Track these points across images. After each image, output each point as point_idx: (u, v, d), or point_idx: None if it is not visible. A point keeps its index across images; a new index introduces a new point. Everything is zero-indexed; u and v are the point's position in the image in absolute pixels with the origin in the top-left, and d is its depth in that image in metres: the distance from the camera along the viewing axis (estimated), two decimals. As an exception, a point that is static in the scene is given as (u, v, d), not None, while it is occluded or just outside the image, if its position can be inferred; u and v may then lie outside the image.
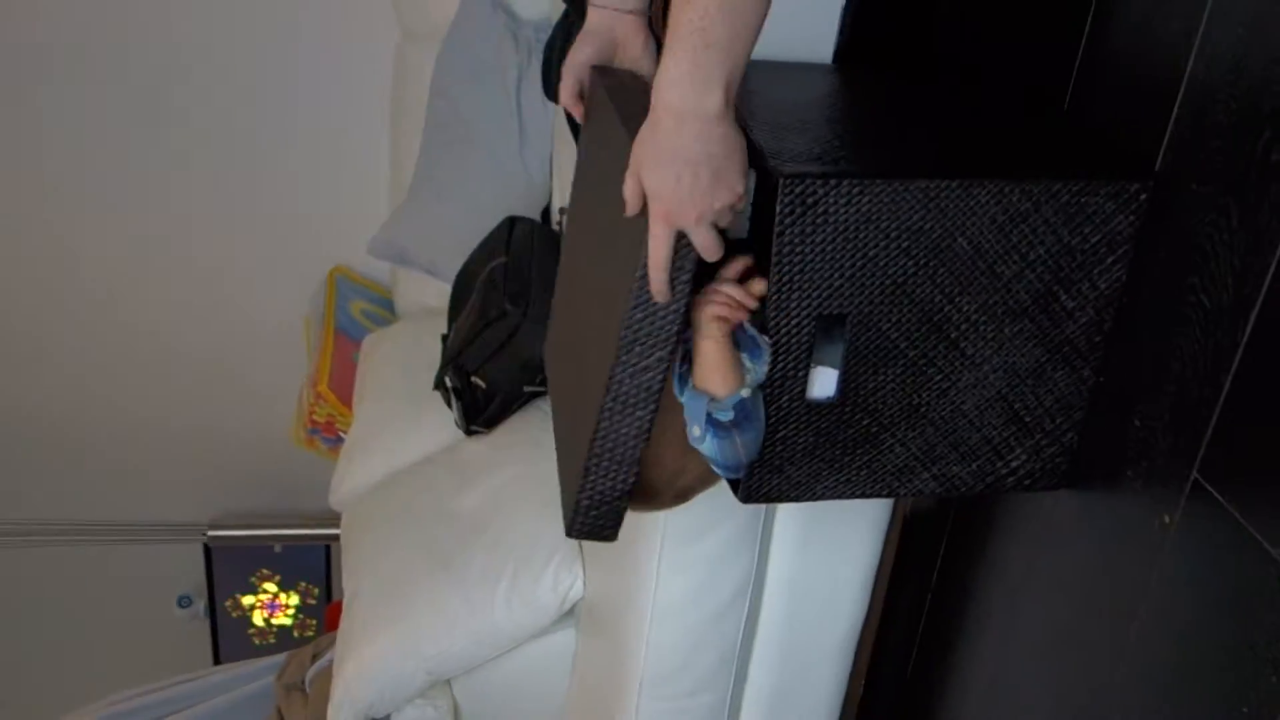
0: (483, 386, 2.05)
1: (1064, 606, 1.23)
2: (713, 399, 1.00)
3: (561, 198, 2.17)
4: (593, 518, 1.03)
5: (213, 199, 2.75)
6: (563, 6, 1.61)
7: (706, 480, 1.14)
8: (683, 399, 1.04)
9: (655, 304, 0.92)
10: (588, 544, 1.78)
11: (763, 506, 1.46)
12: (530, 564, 1.79)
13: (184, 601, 3.24)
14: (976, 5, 1.44)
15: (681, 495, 1.14)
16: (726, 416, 1.02)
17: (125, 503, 3.08)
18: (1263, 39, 0.92)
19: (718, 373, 1.00)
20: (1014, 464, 1.16)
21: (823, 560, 1.52)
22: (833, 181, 0.95)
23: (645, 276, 0.91)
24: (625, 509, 1.04)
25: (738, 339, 1.02)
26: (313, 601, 3.15)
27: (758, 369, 1.03)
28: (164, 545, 3.13)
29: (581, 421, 1.03)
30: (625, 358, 0.95)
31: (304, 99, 2.66)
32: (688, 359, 1.03)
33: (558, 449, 1.17)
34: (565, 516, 1.06)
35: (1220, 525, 0.97)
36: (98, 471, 3.04)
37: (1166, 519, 1.04)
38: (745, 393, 1.02)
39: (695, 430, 1.03)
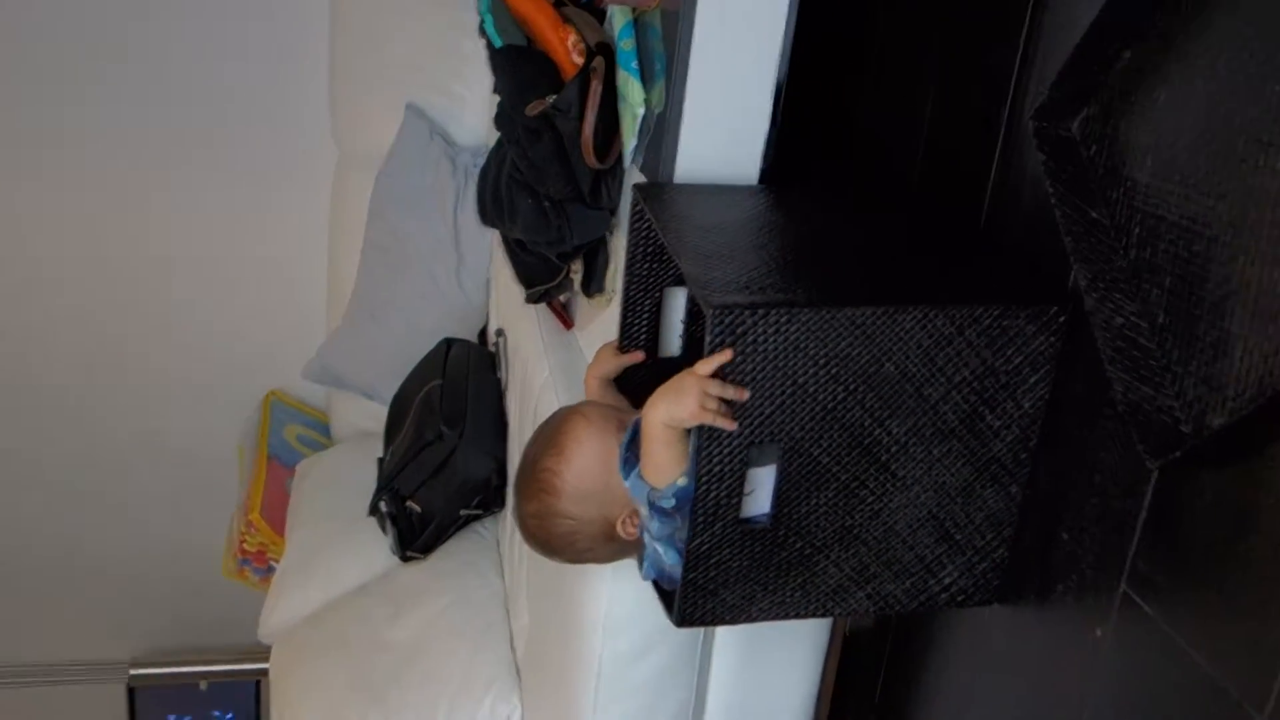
0: (418, 511, 2.03)
1: (1005, 724, 1.22)
2: (653, 488, 1.07)
3: (498, 319, 2.18)
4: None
5: (146, 320, 2.71)
6: (498, 134, 1.65)
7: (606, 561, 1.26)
8: (627, 482, 1.12)
9: None
10: (524, 671, 1.75)
11: (700, 629, 1.44)
12: (467, 695, 1.75)
13: (105, 744, 3.10)
14: (893, 129, 1.51)
15: (577, 560, 1.27)
16: (669, 504, 1.07)
17: (42, 641, 2.95)
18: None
19: (662, 460, 1.05)
20: (946, 581, 1.17)
21: (763, 683, 1.51)
22: (761, 311, 0.98)
23: None
24: None
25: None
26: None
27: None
28: (83, 686, 2.99)
29: None
30: None
31: (241, 221, 2.66)
32: (635, 443, 1.09)
33: None
34: None
35: (1150, 637, 0.98)
36: (11, 607, 2.91)
37: (1099, 632, 1.05)
38: (683, 481, 1.05)
39: (643, 509, 1.11)
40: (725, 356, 0.98)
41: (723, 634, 1.46)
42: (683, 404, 0.99)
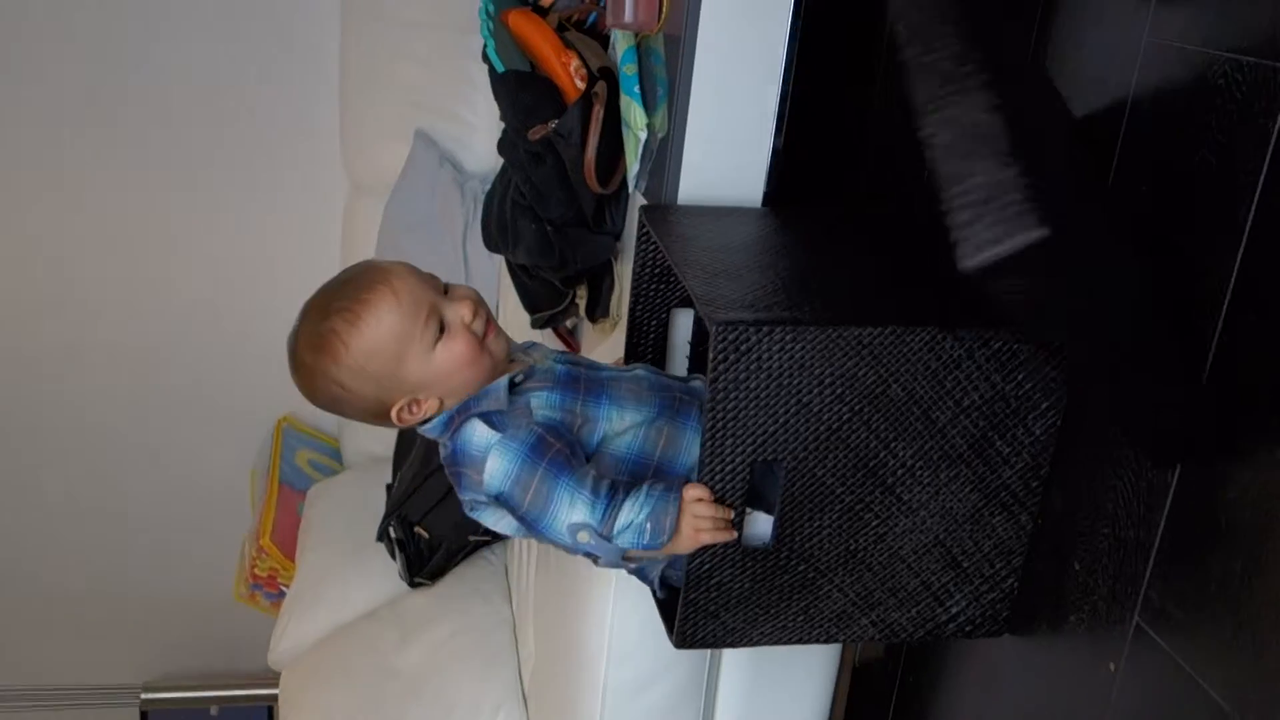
0: (426, 537, 2.02)
1: (1017, 759, 1.19)
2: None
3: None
4: None
5: (158, 349, 2.73)
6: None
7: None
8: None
9: None
10: (531, 699, 1.73)
11: (706, 656, 1.42)
12: (474, 721, 1.73)
13: (118, 768, 3.09)
14: (899, 146, 1.49)
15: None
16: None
17: (55, 665, 2.95)
18: (1168, 181, 0.96)
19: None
20: (954, 610, 1.14)
21: (771, 713, 1.48)
22: (766, 328, 0.96)
23: None
24: None
25: None
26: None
27: None
28: (97, 710, 2.99)
29: None
30: None
31: (254, 250, 2.68)
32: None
33: None
34: None
35: (1164, 670, 0.95)
36: (25, 631, 2.92)
37: (1112, 666, 1.02)
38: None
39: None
40: (703, 492, 1.01)
41: (729, 664, 1.44)
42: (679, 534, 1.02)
